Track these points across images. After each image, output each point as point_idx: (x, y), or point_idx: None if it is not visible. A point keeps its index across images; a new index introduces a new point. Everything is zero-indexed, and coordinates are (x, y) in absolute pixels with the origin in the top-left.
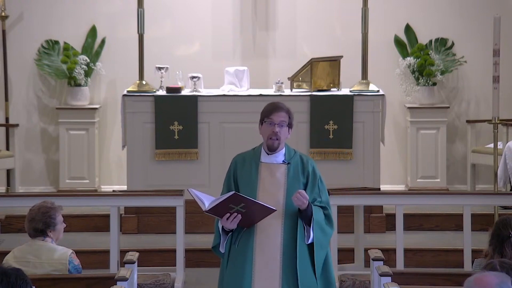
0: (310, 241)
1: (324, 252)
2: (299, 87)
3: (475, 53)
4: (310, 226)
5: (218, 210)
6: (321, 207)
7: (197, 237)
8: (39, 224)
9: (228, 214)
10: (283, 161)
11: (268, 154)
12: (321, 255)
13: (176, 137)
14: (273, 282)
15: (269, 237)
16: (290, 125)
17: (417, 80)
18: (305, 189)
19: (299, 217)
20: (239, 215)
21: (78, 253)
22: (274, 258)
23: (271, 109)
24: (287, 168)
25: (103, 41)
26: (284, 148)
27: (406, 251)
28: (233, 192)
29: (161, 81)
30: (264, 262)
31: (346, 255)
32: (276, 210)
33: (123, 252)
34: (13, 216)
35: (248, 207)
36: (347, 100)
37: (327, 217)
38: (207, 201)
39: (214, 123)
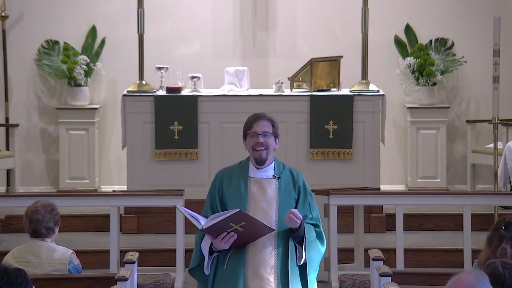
0: (302, 262)
1: (316, 272)
2: (299, 87)
3: (475, 53)
4: (302, 246)
5: (216, 228)
6: (312, 224)
7: None
8: (50, 223)
9: (224, 233)
10: (273, 175)
11: (257, 169)
12: (314, 275)
13: (176, 137)
14: None
15: (263, 257)
16: (276, 135)
17: (417, 80)
18: (296, 205)
19: (291, 237)
20: (236, 235)
21: (78, 253)
22: (269, 280)
23: (252, 120)
24: (278, 183)
25: (103, 41)
26: (273, 162)
27: (406, 251)
28: (238, 209)
29: (161, 81)
30: (259, 284)
31: (346, 255)
32: (275, 230)
33: (123, 252)
34: (13, 216)
35: (247, 226)
36: (347, 100)
37: (319, 235)
38: (201, 219)
39: (214, 123)
